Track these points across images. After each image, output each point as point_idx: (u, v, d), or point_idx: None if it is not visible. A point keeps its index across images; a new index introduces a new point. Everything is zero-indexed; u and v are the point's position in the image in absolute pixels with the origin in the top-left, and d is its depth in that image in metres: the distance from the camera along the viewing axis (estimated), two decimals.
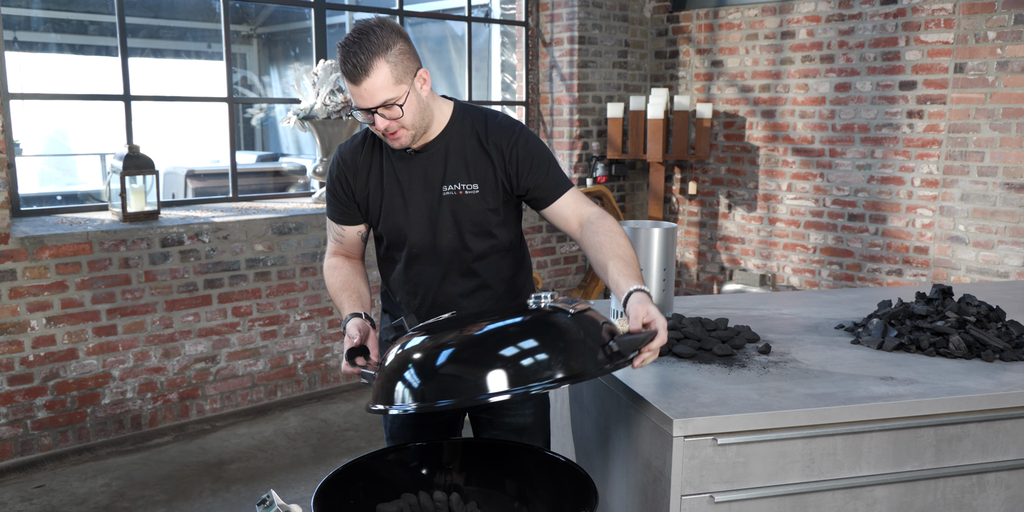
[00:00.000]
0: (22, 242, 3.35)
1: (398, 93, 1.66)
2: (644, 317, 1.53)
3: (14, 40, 7.07)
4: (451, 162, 1.82)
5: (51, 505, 3.08)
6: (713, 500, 1.64)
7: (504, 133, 1.82)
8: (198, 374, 3.88)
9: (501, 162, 1.82)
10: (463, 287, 1.89)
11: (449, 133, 1.82)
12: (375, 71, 1.63)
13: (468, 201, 1.82)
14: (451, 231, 1.84)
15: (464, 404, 1.33)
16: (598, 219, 1.77)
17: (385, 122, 1.69)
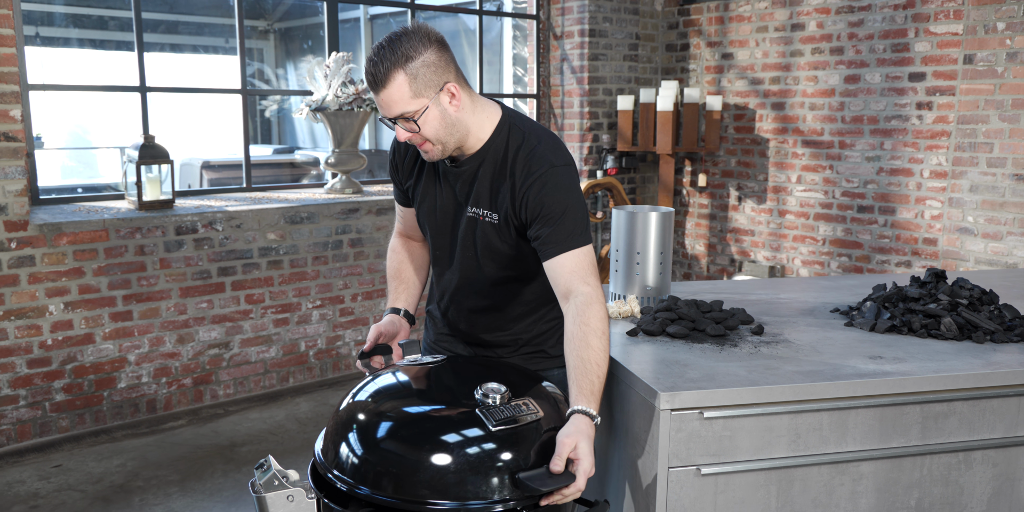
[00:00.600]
0: (40, 229, 3.44)
1: (415, 107, 1.58)
2: (571, 453, 1.39)
3: (36, 35, 7.20)
4: (479, 184, 1.70)
5: (68, 483, 3.17)
6: (700, 472, 1.68)
7: (530, 169, 1.64)
8: (212, 360, 3.96)
9: (518, 198, 1.65)
10: (475, 303, 1.84)
11: (487, 152, 1.68)
12: (392, 83, 1.55)
13: (487, 228, 1.71)
14: (470, 251, 1.76)
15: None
16: (584, 306, 1.56)
17: (405, 134, 1.62)
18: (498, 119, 1.69)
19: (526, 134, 1.68)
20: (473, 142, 1.68)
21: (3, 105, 3.31)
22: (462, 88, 1.63)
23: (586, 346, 1.53)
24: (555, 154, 1.66)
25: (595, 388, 1.50)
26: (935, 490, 1.83)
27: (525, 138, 1.67)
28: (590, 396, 1.49)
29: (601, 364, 1.52)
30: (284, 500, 1.45)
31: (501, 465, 1.38)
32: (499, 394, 1.46)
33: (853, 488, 1.78)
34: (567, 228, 1.61)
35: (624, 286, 2.32)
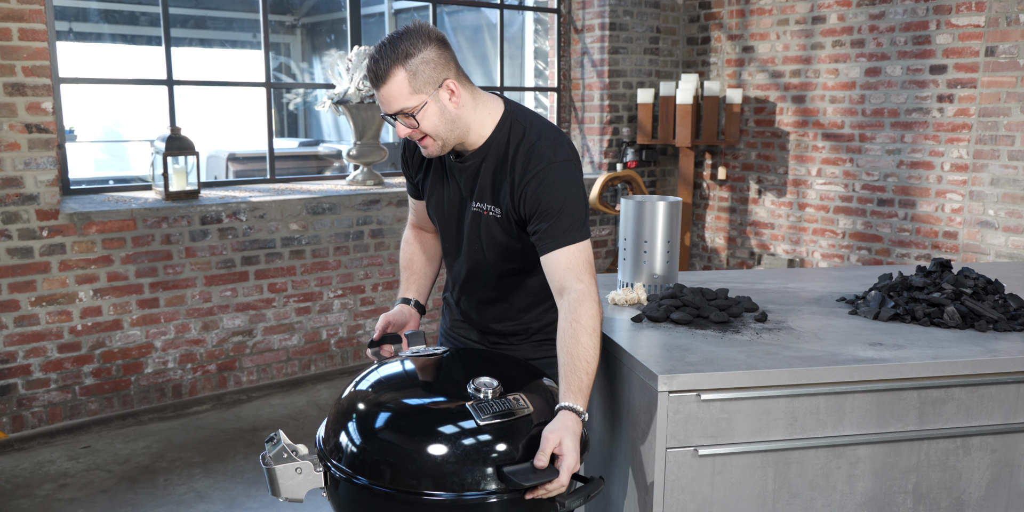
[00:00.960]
0: (71, 218, 3.55)
1: (414, 103, 1.61)
2: (555, 448, 1.43)
3: (69, 31, 7.36)
4: (482, 180, 1.74)
5: (96, 464, 3.27)
6: (697, 453, 1.72)
7: (527, 164, 1.67)
8: (235, 347, 4.06)
9: (516, 194, 1.69)
10: (484, 295, 1.89)
11: (489, 148, 1.72)
12: (391, 79, 1.59)
13: (491, 223, 1.75)
14: (476, 244, 1.81)
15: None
16: (576, 303, 1.60)
17: (405, 130, 1.66)
18: (500, 115, 1.72)
19: (527, 129, 1.70)
20: (475, 138, 1.71)
21: (35, 98, 3.42)
22: (462, 85, 1.66)
23: (576, 343, 1.56)
24: (554, 150, 1.68)
25: (583, 385, 1.54)
26: (933, 475, 1.86)
27: (525, 133, 1.69)
28: (578, 392, 1.53)
29: (590, 361, 1.56)
30: (292, 472, 1.52)
31: (488, 458, 1.43)
32: (491, 388, 1.50)
33: (850, 471, 1.81)
34: (563, 224, 1.64)
35: (632, 274, 2.37)
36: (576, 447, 1.44)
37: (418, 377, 1.66)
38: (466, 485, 1.42)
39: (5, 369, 3.48)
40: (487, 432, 1.45)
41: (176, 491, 3.05)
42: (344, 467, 1.50)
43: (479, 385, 1.51)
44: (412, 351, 1.76)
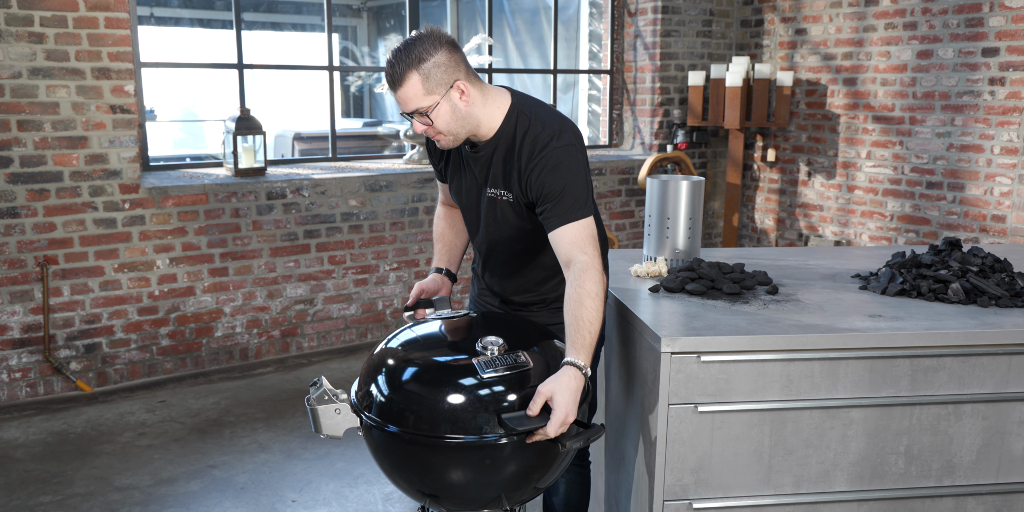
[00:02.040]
0: (150, 192, 3.86)
1: (428, 103, 1.76)
2: (548, 399, 1.60)
3: (151, 16, 7.76)
4: (494, 168, 1.90)
5: (170, 416, 3.60)
6: (696, 409, 1.89)
7: (532, 151, 1.82)
8: (298, 315, 4.35)
9: (523, 180, 1.85)
10: (503, 270, 2.08)
11: (499, 138, 1.87)
12: (407, 82, 1.74)
13: (504, 206, 1.92)
14: (492, 226, 1.98)
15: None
16: (581, 272, 1.75)
17: (420, 127, 1.82)
18: (508, 107, 1.87)
19: (531, 119, 1.85)
20: (486, 130, 1.86)
21: (119, 81, 3.72)
22: (472, 84, 1.81)
23: (580, 306, 1.72)
24: (555, 136, 1.82)
25: (586, 343, 1.70)
26: (924, 438, 1.99)
27: (530, 123, 1.85)
28: (580, 349, 1.69)
29: (593, 322, 1.72)
30: (332, 412, 1.74)
31: (492, 406, 1.62)
32: (496, 346, 1.69)
33: (843, 432, 1.96)
34: (567, 203, 1.79)
35: (656, 249, 2.52)
36: (567, 401, 1.60)
37: (439, 337, 1.86)
38: (476, 429, 1.62)
39: (91, 329, 3.83)
40: (491, 384, 1.65)
41: (240, 442, 3.34)
42: (374, 416, 1.71)
43: (486, 343, 1.70)
44: (438, 314, 1.97)
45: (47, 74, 3.57)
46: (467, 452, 1.64)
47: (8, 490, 2.94)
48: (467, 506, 1.78)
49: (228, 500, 2.89)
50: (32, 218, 3.63)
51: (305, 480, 3.04)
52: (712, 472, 1.93)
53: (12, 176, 3.57)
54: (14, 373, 3.70)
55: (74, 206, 3.71)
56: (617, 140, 5.75)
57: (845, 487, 1.99)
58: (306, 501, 2.89)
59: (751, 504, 1.96)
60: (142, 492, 2.94)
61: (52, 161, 3.64)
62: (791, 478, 1.96)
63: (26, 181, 3.60)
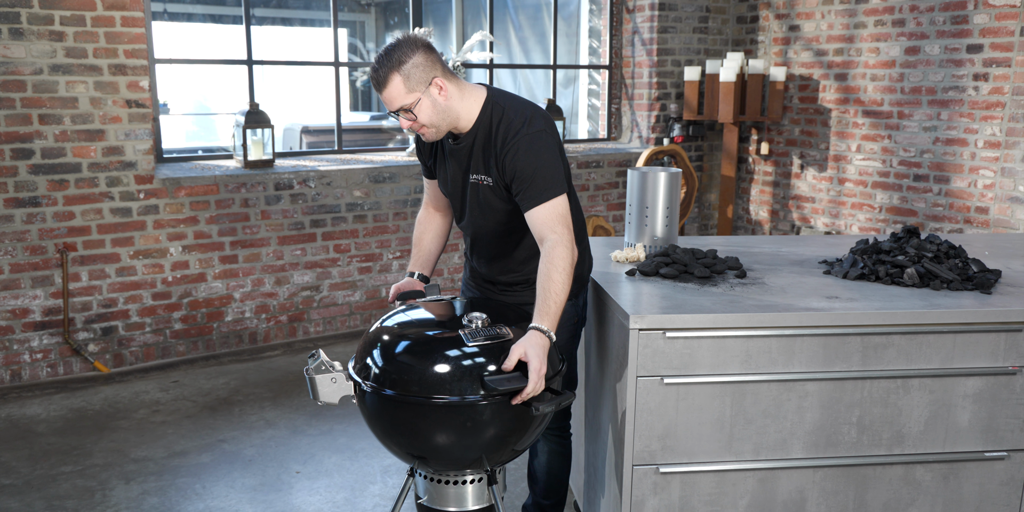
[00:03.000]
0: (163, 182, 4.06)
1: (411, 100, 1.94)
2: (521, 357, 1.78)
3: (164, 11, 7.96)
4: (475, 156, 2.08)
5: (182, 395, 3.80)
6: (662, 381, 2.06)
7: (505, 137, 2.00)
8: (304, 301, 4.54)
9: (499, 166, 2.03)
10: (489, 252, 2.24)
11: (477, 129, 2.05)
12: (390, 83, 1.93)
13: (485, 191, 2.09)
14: (476, 210, 2.15)
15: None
16: (551, 249, 1.93)
17: (406, 122, 2.00)
18: (483, 100, 2.05)
19: (505, 108, 2.04)
20: (465, 122, 2.04)
21: (134, 77, 3.91)
22: (449, 81, 1.99)
23: (548, 279, 1.90)
24: (526, 123, 2.00)
25: (551, 311, 1.88)
26: (875, 410, 2.15)
27: (504, 113, 2.03)
28: (546, 317, 1.88)
29: (560, 293, 1.90)
30: (328, 381, 1.92)
31: (473, 371, 1.80)
32: (480, 320, 1.88)
33: (799, 403, 2.12)
34: (539, 185, 1.97)
35: (636, 236, 2.69)
36: (538, 355, 1.79)
37: (429, 316, 2.04)
38: (460, 391, 1.80)
39: (108, 313, 4.03)
40: (475, 352, 1.82)
41: (248, 419, 3.54)
42: (370, 382, 1.89)
43: (471, 318, 1.88)
44: (428, 298, 2.15)
45: (67, 70, 3.76)
46: (451, 412, 1.81)
47: (32, 461, 3.14)
48: (452, 466, 1.96)
49: (236, 471, 3.08)
50: (53, 207, 3.83)
51: (309, 453, 3.23)
52: (678, 439, 2.11)
53: (34, 167, 3.77)
54: (36, 354, 3.91)
55: (92, 196, 3.91)
56: (616, 133, 5.91)
57: (801, 454, 2.16)
58: (309, 472, 3.08)
59: (714, 469, 2.14)
60: (156, 463, 3.13)
61: (71, 153, 3.84)
62: (751, 445, 2.13)
63: (47, 172, 3.80)
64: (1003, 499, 2.25)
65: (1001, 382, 2.16)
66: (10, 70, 3.65)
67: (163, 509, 2.82)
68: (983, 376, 2.16)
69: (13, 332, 3.84)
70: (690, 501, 2.14)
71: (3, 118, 3.67)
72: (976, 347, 2.14)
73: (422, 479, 2.03)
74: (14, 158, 3.72)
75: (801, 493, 2.18)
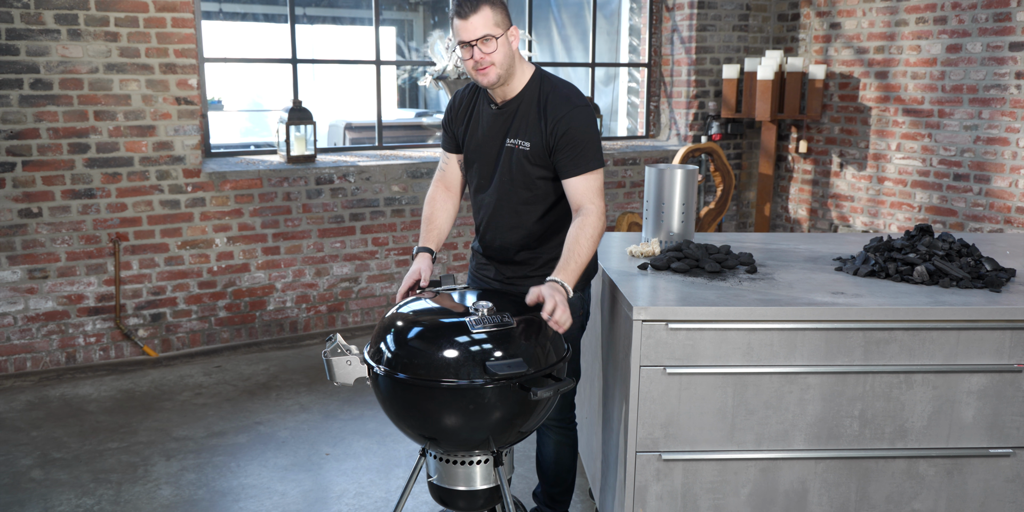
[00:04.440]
0: (210, 176, 4.24)
1: (495, 32, 2.08)
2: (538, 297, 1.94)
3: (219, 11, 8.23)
4: (517, 120, 2.20)
5: (224, 380, 3.98)
6: (665, 371, 2.13)
7: (559, 108, 2.15)
8: (343, 291, 4.69)
9: (548, 130, 2.15)
10: (509, 220, 2.30)
11: (523, 96, 2.20)
12: (481, 10, 2.06)
13: (520, 155, 2.20)
14: (506, 175, 2.25)
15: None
16: (585, 216, 2.09)
17: (480, 54, 2.08)
18: (531, 73, 2.23)
19: (555, 84, 2.21)
20: (515, 85, 2.19)
21: (183, 75, 4.10)
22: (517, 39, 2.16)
23: (576, 242, 2.04)
24: (578, 97, 2.18)
25: (570, 269, 2.01)
26: (877, 404, 2.19)
27: (554, 87, 2.20)
28: (566, 274, 2.01)
29: (583, 256, 2.04)
30: (344, 363, 2.04)
31: (479, 357, 1.90)
32: (485, 308, 1.97)
33: (801, 396, 2.17)
34: (586, 155, 2.13)
35: (652, 231, 2.76)
36: (555, 296, 1.91)
37: (439, 305, 2.14)
38: (466, 375, 1.89)
39: (157, 300, 4.23)
40: (481, 338, 1.92)
41: (285, 403, 3.69)
42: (383, 366, 2.00)
43: (477, 306, 1.98)
44: (443, 288, 2.25)
45: (120, 69, 3.96)
46: (457, 395, 1.91)
47: (81, 437, 3.34)
48: (460, 447, 2.06)
49: (270, 451, 3.23)
50: (106, 199, 4.04)
51: (339, 437, 3.36)
52: (680, 428, 2.17)
53: (89, 161, 3.98)
54: (89, 338, 4.13)
55: (143, 188, 4.11)
56: (654, 131, 5.94)
57: (803, 446, 2.21)
58: (338, 455, 3.22)
59: (716, 458, 2.20)
60: (196, 442, 3.31)
61: (124, 148, 4.04)
62: (752, 436, 2.19)
63: (101, 165, 4.01)
64: (1009, 496, 2.26)
65: (1006, 379, 2.18)
66: (68, 69, 3.86)
67: (200, 485, 2.98)
68: (988, 373, 2.18)
69: (69, 317, 4.07)
70: (692, 488, 2.21)
71: (61, 114, 3.89)
72: (981, 344, 2.16)
73: (433, 459, 2.14)
74: (71, 152, 3.94)
75: (803, 483, 2.23)
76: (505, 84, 2.17)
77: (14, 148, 3.84)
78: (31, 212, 3.91)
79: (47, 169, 3.91)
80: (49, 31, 3.80)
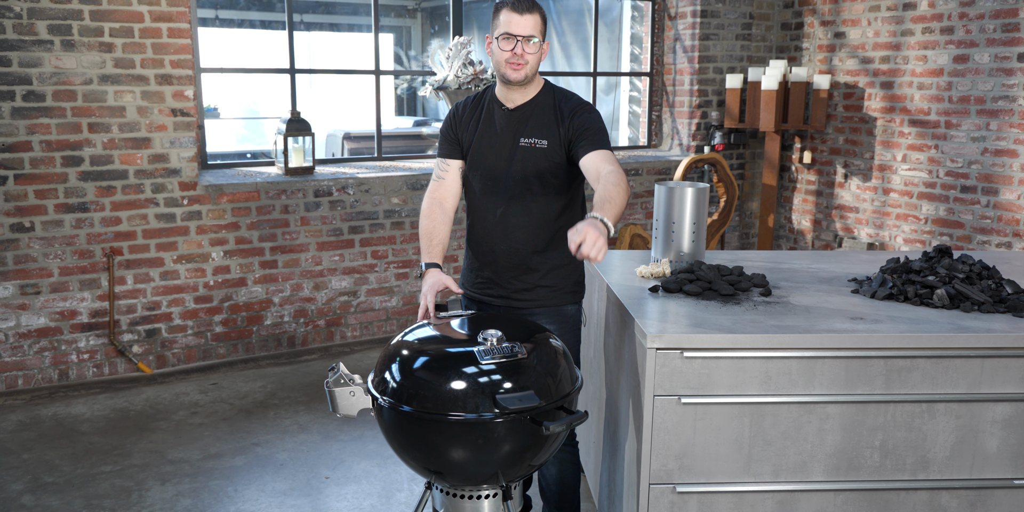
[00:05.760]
0: (207, 189, 4.16)
1: (539, 36, 2.26)
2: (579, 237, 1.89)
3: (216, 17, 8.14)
4: (531, 122, 2.34)
5: (220, 397, 3.89)
6: (680, 401, 2.06)
7: (573, 104, 2.36)
8: (342, 305, 4.61)
9: (564, 121, 2.32)
10: (520, 219, 2.35)
11: (536, 102, 2.35)
12: (535, 13, 2.25)
13: (537, 153, 2.32)
14: (519, 174, 2.34)
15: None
16: (608, 173, 2.15)
17: (522, 50, 2.24)
18: (543, 84, 2.39)
19: (566, 93, 2.41)
20: (529, 91, 2.35)
21: (179, 86, 4.02)
22: None
23: (608, 192, 2.07)
24: (585, 101, 2.39)
25: (607, 208, 2.02)
26: (899, 434, 2.12)
27: (565, 94, 2.40)
28: (605, 212, 2.01)
29: (619, 203, 2.06)
30: (347, 394, 1.96)
31: (488, 389, 1.82)
32: (495, 338, 1.89)
33: (820, 426, 2.10)
34: (601, 138, 2.28)
35: (662, 251, 2.68)
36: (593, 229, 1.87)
37: (446, 332, 2.07)
38: (475, 408, 1.82)
39: (152, 315, 4.15)
40: (490, 369, 1.84)
41: (282, 423, 3.61)
42: (389, 398, 1.92)
43: (486, 335, 1.90)
44: (450, 313, 2.17)
45: (115, 80, 3.88)
46: (466, 429, 1.84)
47: (74, 459, 3.26)
48: (467, 482, 1.98)
49: (268, 474, 3.15)
50: (100, 212, 3.95)
51: (339, 459, 3.28)
52: (695, 459, 2.10)
53: (83, 174, 3.89)
54: (82, 354, 4.04)
55: (138, 202, 4.02)
56: (656, 141, 5.87)
57: (822, 477, 2.13)
58: (338, 478, 3.14)
59: (732, 490, 2.12)
60: (192, 465, 3.22)
61: (119, 160, 3.96)
62: (770, 467, 2.12)
63: (95, 178, 3.92)
64: None
65: None
66: (62, 80, 3.78)
67: (195, 511, 2.89)
68: (1013, 402, 2.11)
69: (61, 333, 3.98)
70: None
71: (55, 126, 3.80)
72: (1006, 372, 2.09)
73: (439, 493, 2.06)
74: (64, 165, 3.86)
75: None
76: (523, 87, 2.32)
77: (6, 161, 3.76)
78: (23, 226, 3.83)
79: (40, 182, 3.83)
80: (42, 42, 3.72)
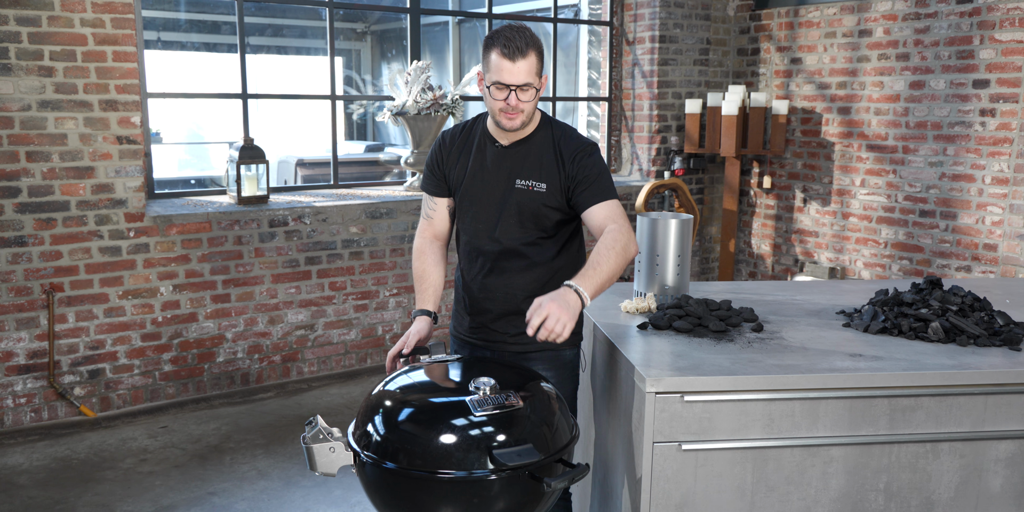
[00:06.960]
0: (154, 220, 3.94)
1: (535, 81, 2.04)
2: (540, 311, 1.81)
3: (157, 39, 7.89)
4: (529, 162, 2.15)
5: (171, 442, 3.65)
6: (680, 448, 1.94)
7: (576, 145, 2.16)
8: (298, 340, 4.41)
9: (566, 169, 2.13)
10: (513, 263, 2.21)
11: (534, 138, 2.17)
12: (530, 57, 2.00)
13: (534, 196, 2.14)
14: (513, 217, 2.17)
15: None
16: (612, 232, 2.03)
17: (516, 101, 2.03)
18: (540, 118, 2.21)
19: (564, 128, 2.21)
20: (528, 129, 2.15)
21: (126, 113, 3.81)
22: None
23: (599, 255, 1.96)
24: (586, 140, 2.20)
25: (591, 276, 1.91)
26: (903, 476, 2.04)
27: (564, 130, 2.20)
28: (585, 280, 1.90)
29: (608, 267, 1.94)
30: (327, 450, 1.80)
31: (481, 443, 1.68)
32: (488, 386, 1.76)
33: (824, 469, 2.01)
34: (602, 185, 2.11)
35: (646, 284, 2.59)
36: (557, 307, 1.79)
37: (434, 380, 1.93)
38: (467, 465, 1.68)
39: (95, 355, 3.90)
40: (483, 421, 1.71)
41: (240, 469, 3.40)
42: (371, 454, 1.77)
43: (478, 384, 1.76)
44: (434, 358, 2.03)
45: (56, 106, 3.66)
46: (458, 488, 1.69)
47: None
48: None
49: None
50: (39, 246, 3.71)
51: (303, 508, 3.09)
52: (696, 508, 1.99)
53: (20, 206, 3.65)
54: (19, 398, 3.77)
55: (80, 235, 3.79)
56: (616, 166, 5.83)
57: None
58: None
59: None
60: None
61: (59, 191, 3.73)
62: None
63: (33, 210, 3.68)
64: None
65: None
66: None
67: None
68: (1016, 439, 2.05)
69: None
70: None
71: None
72: (1008, 409, 2.03)
73: None
74: (0, 197, 3.61)
75: None
76: (524, 127, 2.14)
77: None
78: None
79: None
80: None
